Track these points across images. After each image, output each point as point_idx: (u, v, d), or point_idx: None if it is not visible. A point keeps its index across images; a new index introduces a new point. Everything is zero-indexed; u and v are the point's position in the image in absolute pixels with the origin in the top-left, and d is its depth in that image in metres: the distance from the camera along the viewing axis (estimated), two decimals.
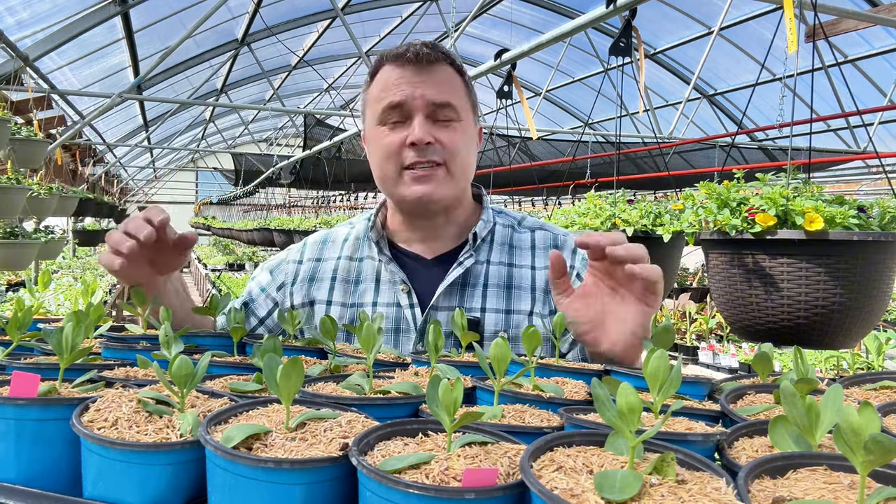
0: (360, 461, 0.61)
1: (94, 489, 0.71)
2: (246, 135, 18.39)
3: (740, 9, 8.78)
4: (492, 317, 1.38)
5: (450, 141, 1.32)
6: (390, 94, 1.32)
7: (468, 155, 1.38)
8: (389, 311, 1.41)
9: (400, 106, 1.32)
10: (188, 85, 11.66)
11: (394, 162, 1.33)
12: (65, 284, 5.99)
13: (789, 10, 2.32)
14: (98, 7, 6.19)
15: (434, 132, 1.31)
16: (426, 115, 1.32)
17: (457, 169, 1.35)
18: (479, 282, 1.41)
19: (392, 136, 1.33)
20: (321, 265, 1.51)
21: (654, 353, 0.66)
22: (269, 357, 0.76)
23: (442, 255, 1.45)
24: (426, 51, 1.32)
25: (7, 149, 4.17)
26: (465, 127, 1.36)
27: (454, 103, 1.33)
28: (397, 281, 1.41)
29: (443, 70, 1.35)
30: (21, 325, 1.04)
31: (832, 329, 2.06)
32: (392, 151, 1.33)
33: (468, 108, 1.39)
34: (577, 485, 0.56)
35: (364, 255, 1.49)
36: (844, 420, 0.55)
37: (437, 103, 1.31)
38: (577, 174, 8.27)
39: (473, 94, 1.44)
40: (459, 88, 1.37)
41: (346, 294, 1.46)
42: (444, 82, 1.34)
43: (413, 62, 1.32)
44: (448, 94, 1.33)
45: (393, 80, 1.33)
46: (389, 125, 1.34)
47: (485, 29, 12.21)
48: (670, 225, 2.77)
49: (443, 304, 1.39)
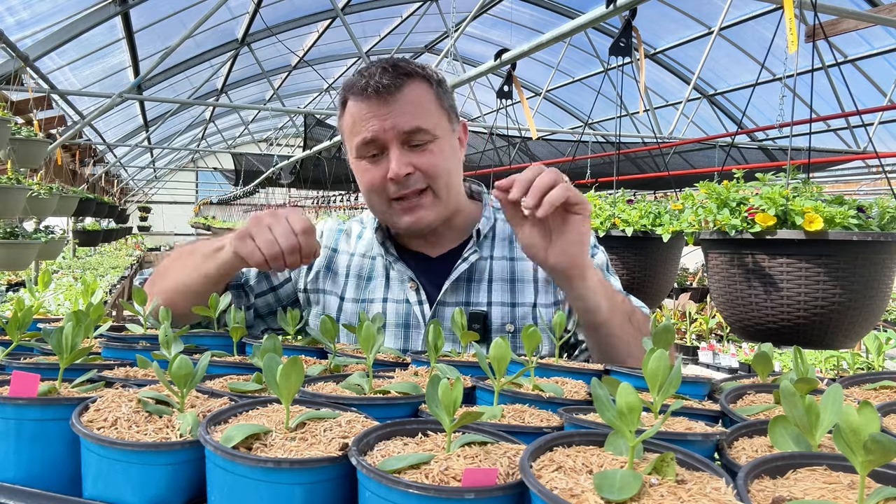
0: (359, 461, 0.61)
1: (93, 489, 0.71)
2: (246, 135, 18.38)
3: (740, 9, 8.77)
4: (498, 310, 1.42)
5: (429, 166, 1.33)
6: (361, 130, 1.33)
7: (451, 169, 1.39)
8: (399, 307, 1.45)
9: (373, 141, 1.32)
10: (188, 85, 11.65)
11: (379, 195, 1.36)
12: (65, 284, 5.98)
13: (789, 10, 2.32)
14: (98, 7, 6.19)
15: (411, 160, 1.32)
16: (401, 143, 1.32)
17: (442, 189, 1.37)
18: (484, 277, 1.45)
19: (373, 170, 1.35)
20: (337, 257, 1.55)
21: (654, 353, 0.66)
22: (268, 357, 0.76)
23: (446, 253, 1.48)
24: (386, 81, 1.30)
25: (7, 149, 4.16)
26: (443, 143, 1.36)
27: (425, 126, 1.32)
28: (405, 279, 1.45)
29: (408, 92, 1.32)
30: (21, 324, 1.05)
31: (832, 329, 2.06)
32: (375, 185, 1.35)
33: (442, 119, 1.38)
34: (576, 485, 0.56)
35: (375, 254, 1.52)
36: (844, 420, 0.55)
37: (408, 131, 1.31)
38: (577, 174, 8.27)
39: (447, 97, 1.42)
40: (430, 103, 1.36)
41: (358, 290, 1.49)
42: (412, 106, 1.32)
43: (375, 95, 1.31)
44: (418, 117, 1.32)
45: (361, 116, 1.33)
46: (368, 159, 1.36)
47: (485, 29, 12.20)
48: (670, 225, 2.77)
49: (450, 299, 1.43)
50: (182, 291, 1.35)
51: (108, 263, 10.78)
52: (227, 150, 17.70)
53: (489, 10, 10.89)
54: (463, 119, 1.49)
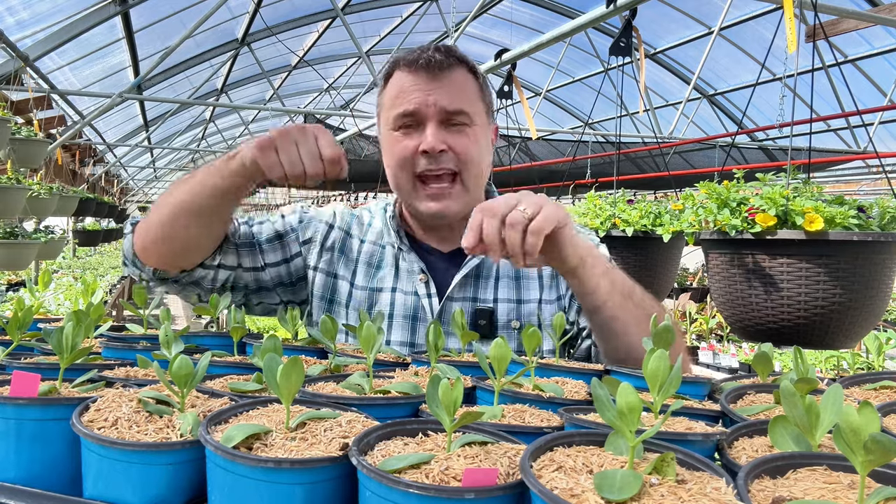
0: (360, 461, 0.61)
1: (94, 489, 0.71)
2: (246, 135, 18.38)
3: (740, 9, 8.76)
4: (504, 307, 1.43)
5: (463, 148, 1.33)
6: (403, 101, 1.33)
7: (482, 161, 1.39)
8: (408, 298, 1.44)
9: (413, 114, 1.33)
10: (188, 85, 11.64)
11: (407, 170, 1.35)
12: (65, 284, 5.98)
13: (789, 10, 2.32)
14: (98, 7, 6.19)
15: (447, 139, 1.32)
16: (439, 122, 1.32)
17: (470, 180, 1.36)
18: (491, 273, 1.45)
19: (405, 141, 1.34)
20: (350, 241, 1.53)
21: (654, 353, 0.66)
22: (269, 357, 0.76)
23: (456, 248, 1.48)
24: (439, 57, 1.32)
25: (7, 149, 4.17)
26: (479, 131, 1.37)
27: (467, 110, 1.34)
28: (415, 270, 1.45)
29: (456, 75, 1.35)
30: (21, 324, 1.05)
31: (832, 329, 2.06)
32: (405, 158, 1.34)
33: (482, 111, 1.40)
34: (576, 485, 0.56)
35: (385, 242, 1.51)
36: (844, 420, 0.55)
37: (451, 110, 1.32)
38: (577, 174, 8.27)
39: (489, 93, 1.44)
40: (473, 92, 1.38)
41: (367, 278, 1.48)
42: (458, 88, 1.34)
43: (426, 69, 1.32)
44: (461, 100, 1.34)
45: (406, 87, 1.33)
46: (402, 131, 1.35)
47: (485, 29, 12.19)
48: (670, 225, 2.77)
49: (458, 294, 1.43)
50: (186, 209, 1.23)
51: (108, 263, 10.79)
52: (227, 150, 17.68)
53: (489, 10, 10.89)
54: (495, 123, 1.50)
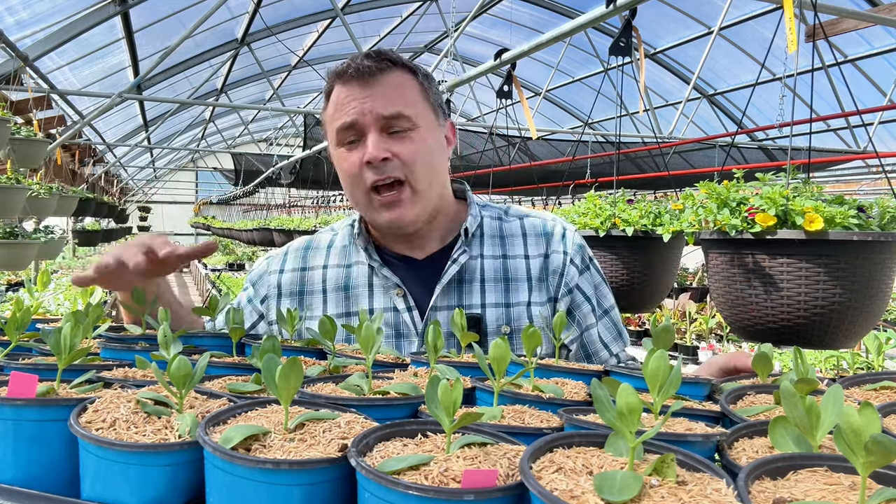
0: (358, 462, 0.61)
1: (91, 490, 0.71)
2: (246, 135, 18.38)
3: (740, 9, 8.77)
4: (493, 312, 1.37)
5: (408, 153, 1.28)
6: (341, 114, 1.30)
7: (433, 162, 1.33)
8: (387, 316, 1.38)
9: (352, 125, 1.29)
10: (188, 85, 11.64)
11: (358, 185, 1.31)
12: (64, 284, 5.98)
13: (789, 9, 2.32)
14: (98, 7, 6.19)
15: (390, 146, 1.28)
16: (380, 130, 1.28)
17: (421, 182, 1.31)
18: (475, 277, 1.39)
19: (350, 157, 1.31)
20: (308, 275, 1.48)
21: (654, 354, 0.66)
22: (267, 358, 0.75)
23: (433, 254, 1.42)
24: (368, 63, 1.28)
25: (7, 149, 4.16)
26: (425, 133, 1.32)
27: (406, 112, 1.29)
28: (390, 285, 1.39)
29: (391, 78, 1.30)
30: (20, 325, 1.04)
31: (832, 329, 2.06)
32: (353, 174, 1.31)
33: (427, 111, 1.34)
34: (576, 486, 0.56)
35: (353, 262, 1.45)
36: (845, 421, 0.54)
37: (388, 116, 1.28)
38: (576, 174, 8.26)
39: (434, 91, 1.38)
40: (413, 93, 1.32)
41: (340, 304, 1.43)
42: (394, 92, 1.29)
43: (357, 78, 1.28)
44: (398, 103, 1.28)
45: (342, 100, 1.30)
46: (346, 146, 1.32)
47: (485, 29, 12.20)
48: (670, 225, 2.77)
49: (441, 303, 1.36)
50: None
51: None
52: (226, 150, 17.71)
53: (489, 9, 10.90)
54: (451, 120, 1.44)
